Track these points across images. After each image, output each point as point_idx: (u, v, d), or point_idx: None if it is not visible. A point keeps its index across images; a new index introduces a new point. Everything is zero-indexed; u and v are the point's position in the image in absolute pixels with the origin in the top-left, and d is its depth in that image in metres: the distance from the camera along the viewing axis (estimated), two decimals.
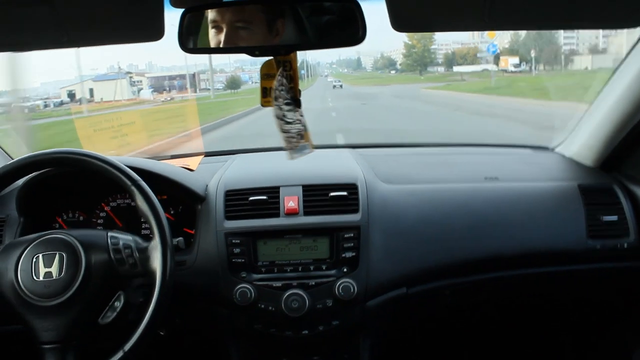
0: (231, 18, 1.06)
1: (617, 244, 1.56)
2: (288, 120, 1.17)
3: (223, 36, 1.07)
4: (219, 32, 1.08)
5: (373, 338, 1.52)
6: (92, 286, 1.16)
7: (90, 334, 1.18)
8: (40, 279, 1.13)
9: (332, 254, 1.46)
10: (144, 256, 1.21)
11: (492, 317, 1.87)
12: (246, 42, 1.08)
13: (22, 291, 1.13)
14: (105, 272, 1.18)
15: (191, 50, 1.12)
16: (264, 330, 1.44)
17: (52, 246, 1.17)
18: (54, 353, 1.12)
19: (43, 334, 1.12)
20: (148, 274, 1.19)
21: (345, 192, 1.52)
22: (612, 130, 1.65)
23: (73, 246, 1.17)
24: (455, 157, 1.98)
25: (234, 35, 1.07)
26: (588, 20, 1.02)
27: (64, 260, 1.15)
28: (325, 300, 1.41)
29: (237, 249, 1.45)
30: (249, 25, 1.07)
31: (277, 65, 1.14)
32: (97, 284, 1.17)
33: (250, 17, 1.06)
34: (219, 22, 1.07)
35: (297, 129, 1.19)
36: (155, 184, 1.29)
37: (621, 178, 1.68)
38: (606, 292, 1.73)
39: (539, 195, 1.63)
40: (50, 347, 1.12)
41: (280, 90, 1.14)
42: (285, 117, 1.16)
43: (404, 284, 1.50)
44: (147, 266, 1.19)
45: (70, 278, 1.14)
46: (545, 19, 0.99)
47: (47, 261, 1.15)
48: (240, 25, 1.06)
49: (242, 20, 1.06)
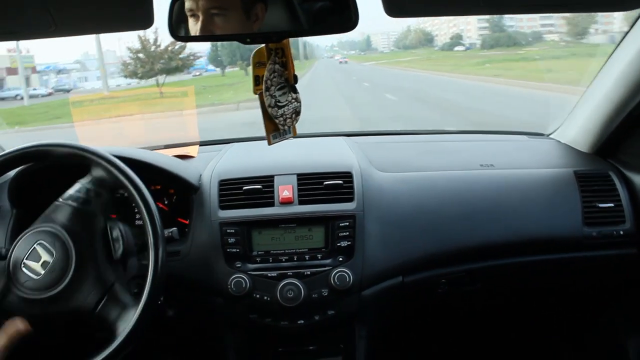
0: (205, 5, 1.04)
1: (613, 231, 1.56)
2: (281, 104, 1.15)
3: (199, 25, 1.05)
4: (196, 20, 1.06)
5: (369, 327, 1.52)
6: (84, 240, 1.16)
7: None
8: (39, 273, 1.13)
9: (327, 243, 1.46)
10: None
11: (487, 305, 1.87)
12: (222, 29, 1.06)
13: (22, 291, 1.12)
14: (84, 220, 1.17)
15: (182, 38, 1.10)
16: (259, 320, 1.44)
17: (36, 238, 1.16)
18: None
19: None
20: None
21: (340, 180, 1.51)
22: (608, 116, 1.65)
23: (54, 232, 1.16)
24: (451, 144, 1.97)
25: (210, 23, 1.05)
26: (584, 4, 1.01)
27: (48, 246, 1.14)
28: (320, 289, 1.41)
29: (231, 239, 1.44)
30: (224, 11, 1.05)
31: (269, 53, 1.12)
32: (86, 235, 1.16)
33: (225, 4, 1.05)
34: (194, 10, 1.05)
35: (293, 108, 1.18)
36: (148, 174, 1.28)
37: (617, 164, 1.68)
38: (602, 279, 1.73)
39: (535, 182, 1.62)
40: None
41: (272, 79, 1.12)
42: (279, 102, 1.15)
43: (400, 273, 1.50)
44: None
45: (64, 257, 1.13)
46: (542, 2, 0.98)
47: (36, 256, 1.14)
48: (215, 12, 1.05)
49: (217, 7, 1.04)
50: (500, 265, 1.57)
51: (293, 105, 1.18)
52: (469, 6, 0.99)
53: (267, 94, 1.12)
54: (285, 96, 1.16)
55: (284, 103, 1.16)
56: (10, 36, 1.08)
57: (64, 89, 17.54)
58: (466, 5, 0.99)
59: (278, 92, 1.14)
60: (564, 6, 1.02)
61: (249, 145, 1.95)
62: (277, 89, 1.14)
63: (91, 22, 1.04)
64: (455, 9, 1.04)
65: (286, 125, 1.17)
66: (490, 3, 0.94)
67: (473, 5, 0.96)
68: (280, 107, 1.15)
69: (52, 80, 19.19)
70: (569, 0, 0.97)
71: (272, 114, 1.14)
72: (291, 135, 1.20)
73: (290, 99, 1.17)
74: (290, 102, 1.17)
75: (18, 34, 1.06)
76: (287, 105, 1.16)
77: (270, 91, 1.12)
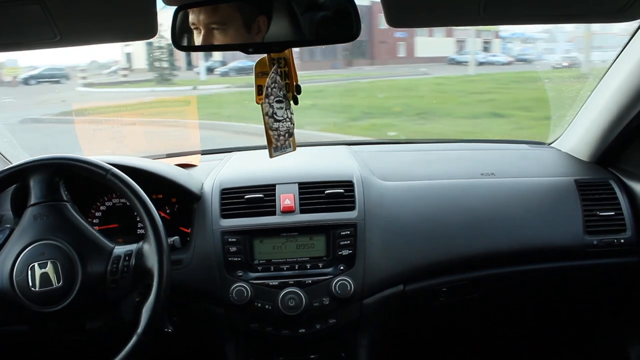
0: (205, 20, 1.07)
1: (614, 239, 1.56)
2: (278, 118, 1.16)
3: (201, 37, 1.08)
4: (199, 34, 1.09)
5: (370, 336, 1.51)
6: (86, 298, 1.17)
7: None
8: (36, 288, 1.14)
9: (328, 252, 1.46)
10: (139, 260, 1.20)
11: (489, 314, 1.87)
12: (221, 42, 1.08)
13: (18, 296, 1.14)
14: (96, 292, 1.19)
15: (185, 48, 1.11)
16: (260, 329, 1.44)
17: (48, 253, 1.17)
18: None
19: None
20: (144, 275, 1.19)
21: (342, 189, 1.51)
22: (608, 125, 1.65)
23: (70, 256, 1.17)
24: (451, 153, 1.97)
25: (210, 36, 1.08)
26: (584, 15, 1.02)
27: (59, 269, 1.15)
28: (322, 298, 1.41)
29: (233, 248, 1.44)
30: (223, 26, 1.07)
31: (271, 62, 1.13)
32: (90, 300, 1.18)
33: (224, 18, 1.07)
34: (196, 24, 1.08)
35: (287, 127, 1.19)
36: (150, 182, 1.29)
37: (618, 173, 1.68)
38: (603, 288, 1.73)
39: (536, 191, 1.62)
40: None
41: (272, 88, 1.13)
42: (276, 114, 1.16)
43: (401, 281, 1.50)
44: (143, 266, 1.19)
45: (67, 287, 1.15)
46: (542, 13, 0.98)
47: (42, 269, 1.15)
48: (214, 27, 1.07)
49: (216, 22, 1.07)
50: (501, 274, 1.57)
51: (287, 124, 1.19)
52: (470, 17, 1.00)
53: (266, 101, 1.13)
54: (282, 111, 1.17)
55: (280, 118, 1.17)
56: (14, 47, 1.09)
57: (525, 59, 14.95)
58: (466, 16, 1.00)
59: (276, 104, 1.15)
60: (565, 17, 1.03)
61: (250, 154, 1.96)
62: (275, 100, 1.15)
63: (95, 33, 1.05)
64: (455, 19, 1.05)
65: (279, 142, 1.18)
66: (491, 14, 0.95)
67: (474, 16, 0.97)
68: (277, 121, 1.16)
69: (516, 48, 16.99)
70: (569, 12, 0.98)
71: (269, 123, 1.15)
72: (292, 149, 1.21)
73: (286, 116, 1.18)
74: (285, 120, 1.18)
75: (22, 45, 1.06)
76: (282, 122, 1.17)
77: (269, 99, 1.13)
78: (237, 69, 11.72)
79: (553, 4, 0.94)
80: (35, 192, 1.21)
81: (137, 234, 1.59)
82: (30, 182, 1.21)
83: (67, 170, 1.23)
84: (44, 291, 1.14)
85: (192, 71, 13.21)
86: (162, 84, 10.34)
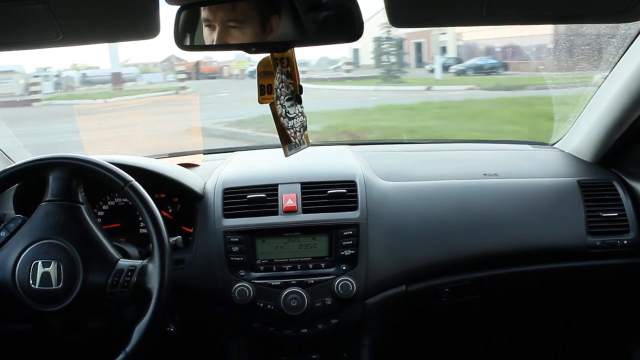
0: (223, 17, 1.06)
1: (617, 240, 1.56)
2: (291, 116, 1.16)
3: (216, 35, 1.07)
4: (212, 31, 1.08)
5: (373, 336, 1.51)
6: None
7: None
8: (36, 286, 1.15)
9: (331, 252, 1.46)
10: (141, 278, 1.21)
11: (491, 314, 1.87)
12: (238, 40, 1.08)
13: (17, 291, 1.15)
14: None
15: (187, 47, 1.11)
16: (262, 329, 1.44)
17: (54, 254, 1.17)
18: None
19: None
20: (143, 294, 1.20)
21: (344, 189, 1.51)
22: (611, 125, 1.65)
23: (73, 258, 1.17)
24: (454, 153, 1.97)
25: (226, 34, 1.07)
26: (588, 15, 1.02)
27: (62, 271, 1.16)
28: (324, 298, 1.41)
29: (235, 247, 1.44)
30: (241, 24, 1.07)
31: (274, 62, 1.13)
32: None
33: (242, 16, 1.06)
34: (211, 21, 1.07)
35: (300, 122, 1.19)
36: (152, 182, 1.29)
37: (621, 174, 1.68)
38: (606, 289, 1.73)
39: (538, 192, 1.62)
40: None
41: (280, 88, 1.13)
42: (289, 113, 1.15)
43: (403, 281, 1.50)
44: (143, 285, 1.20)
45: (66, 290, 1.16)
46: (545, 14, 0.98)
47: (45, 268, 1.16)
48: (232, 25, 1.07)
49: (234, 19, 1.06)
50: (504, 274, 1.57)
51: (300, 119, 1.18)
52: (472, 17, 0.99)
53: (277, 103, 1.13)
54: (293, 108, 1.17)
55: (292, 115, 1.16)
56: (16, 46, 1.09)
57: None
58: (468, 16, 1.00)
59: (287, 102, 1.15)
60: (568, 18, 1.03)
61: (253, 154, 1.96)
62: (285, 99, 1.14)
63: (97, 32, 1.05)
64: (457, 20, 1.05)
65: (297, 139, 1.18)
66: (493, 14, 0.94)
67: (476, 16, 0.96)
68: (290, 119, 1.16)
69: None
70: (573, 12, 0.98)
71: (284, 124, 1.15)
72: (306, 146, 1.21)
73: (297, 112, 1.18)
74: (297, 116, 1.18)
75: (24, 44, 1.06)
76: (295, 118, 1.17)
77: (280, 100, 1.13)
78: (476, 67, 10.52)
79: (557, 4, 0.94)
80: (52, 189, 1.21)
81: (140, 233, 1.59)
82: (50, 178, 1.22)
83: (88, 173, 1.24)
84: (43, 290, 1.14)
85: (422, 68, 12.18)
86: (388, 81, 9.47)
